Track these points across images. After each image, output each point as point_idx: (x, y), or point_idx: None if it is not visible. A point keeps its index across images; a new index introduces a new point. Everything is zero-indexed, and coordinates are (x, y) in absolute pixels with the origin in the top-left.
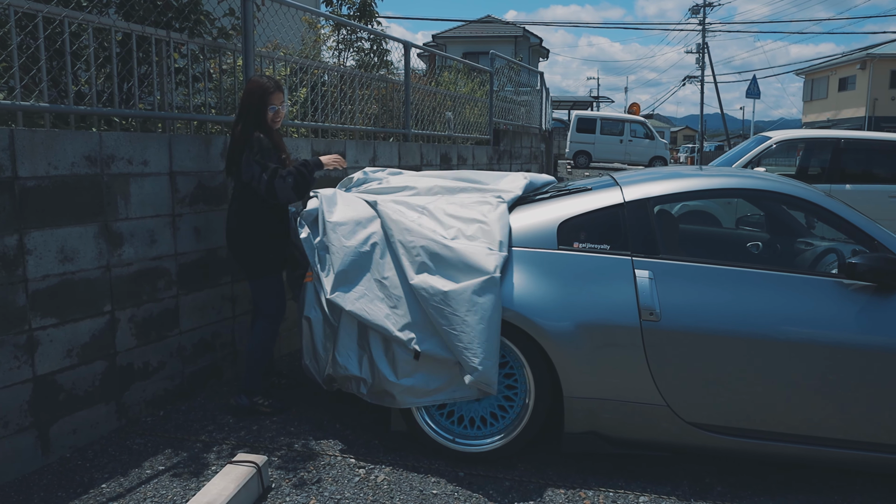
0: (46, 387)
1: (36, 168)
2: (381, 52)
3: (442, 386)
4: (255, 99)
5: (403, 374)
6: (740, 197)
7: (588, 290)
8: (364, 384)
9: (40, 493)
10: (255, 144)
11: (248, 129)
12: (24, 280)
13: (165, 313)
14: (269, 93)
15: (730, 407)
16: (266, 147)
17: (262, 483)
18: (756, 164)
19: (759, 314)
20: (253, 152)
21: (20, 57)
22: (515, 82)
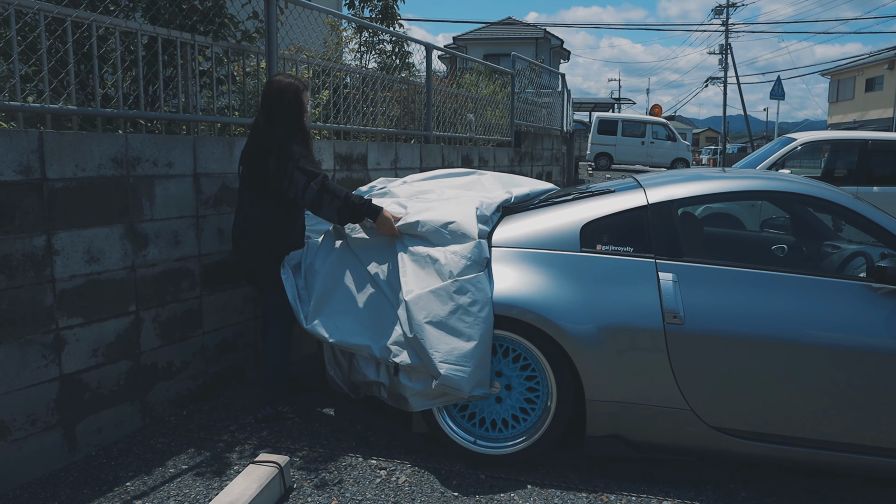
0: (73, 385)
1: (64, 170)
2: (403, 54)
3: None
4: (290, 97)
5: (414, 378)
6: (766, 199)
7: (611, 292)
8: (384, 388)
9: (66, 490)
10: (298, 152)
11: (289, 133)
12: (51, 280)
13: (189, 314)
14: (302, 91)
15: (754, 411)
16: (311, 156)
17: (284, 483)
18: (781, 165)
19: (785, 318)
20: (295, 160)
21: (49, 61)
22: (537, 84)
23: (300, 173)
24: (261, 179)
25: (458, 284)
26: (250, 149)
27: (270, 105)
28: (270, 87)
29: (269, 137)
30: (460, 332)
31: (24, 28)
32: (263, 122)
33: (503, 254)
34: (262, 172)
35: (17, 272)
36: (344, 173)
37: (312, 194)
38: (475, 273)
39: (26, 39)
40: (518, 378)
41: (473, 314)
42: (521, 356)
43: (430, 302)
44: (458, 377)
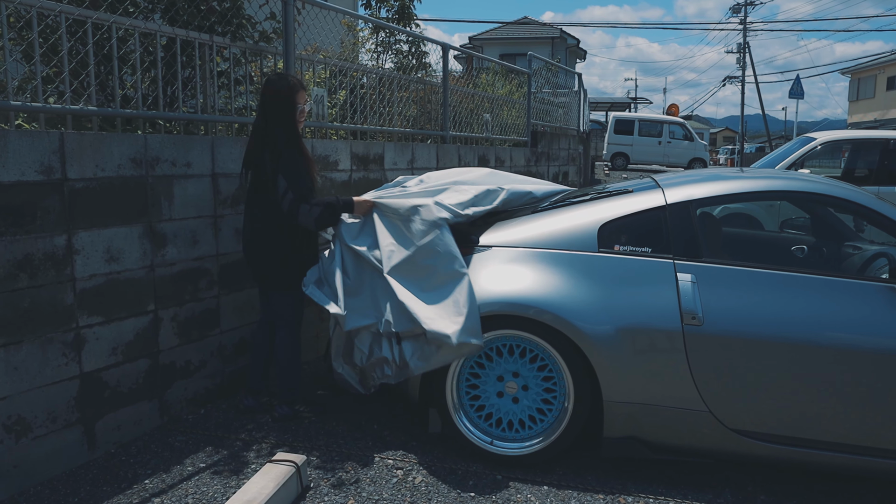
0: (92, 384)
1: (84, 170)
2: (420, 54)
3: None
4: (282, 98)
5: (412, 343)
6: (786, 199)
7: (629, 293)
8: (388, 365)
9: (86, 487)
10: (286, 157)
11: (277, 133)
12: (72, 279)
13: (207, 313)
14: (296, 91)
15: (774, 414)
16: (299, 162)
17: (300, 482)
18: (800, 165)
19: (805, 319)
20: (284, 165)
21: (70, 62)
22: (553, 84)
23: (282, 178)
24: (260, 178)
25: (422, 249)
26: (251, 148)
27: (265, 104)
28: (265, 87)
29: (267, 137)
30: (435, 288)
31: (45, 30)
32: (261, 122)
33: (519, 254)
34: (261, 171)
35: (39, 271)
36: (361, 173)
37: (289, 203)
38: (433, 235)
39: (48, 41)
40: (535, 379)
41: (442, 271)
42: (538, 357)
43: (403, 270)
44: (442, 330)
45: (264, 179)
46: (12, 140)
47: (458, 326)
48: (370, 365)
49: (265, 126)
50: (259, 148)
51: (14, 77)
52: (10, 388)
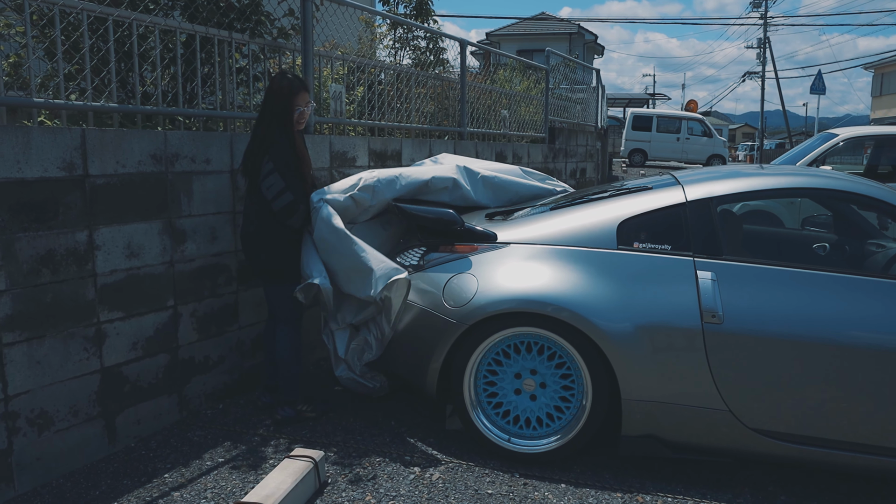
0: (113, 378)
1: (105, 166)
2: (437, 50)
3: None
4: (280, 99)
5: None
6: (808, 197)
7: (648, 290)
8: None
9: (107, 481)
10: (279, 158)
11: (272, 133)
12: (93, 274)
13: (225, 308)
14: (295, 93)
15: (794, 414)
16: (290, 162)
17: (318, 478)
18: (822, 162)
19: (827, 318)
20: (278, 164)
21: (91, 59)
22: (571, 80)
23: (279, 178)
24: (255, 175)
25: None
26: (249, 146)
27: (265, 103)
28: (269, 86)
29: (265, 136)
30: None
31: (67, 27)
32: (261, 119)
33: (537, 251)
34: (256, 169)
35: (61, 266)
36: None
37: (283, 203)
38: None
39: (70, 39)
40: (553, 376)
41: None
42: (556, 354)
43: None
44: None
45: (256, 174)
46: (35, 137)
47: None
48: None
49: (262, 123)
50: (256, 146)
51: (36, 74)
52: (33, 381)
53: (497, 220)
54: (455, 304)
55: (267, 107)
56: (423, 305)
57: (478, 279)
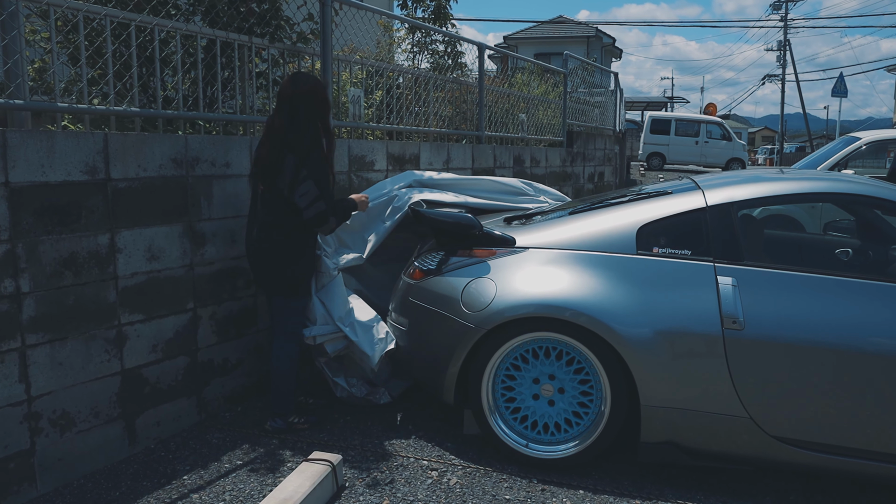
0: (133, 380)
1: (127, 170)
2: (455, 54)
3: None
4: (320, 99)
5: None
6: (831, 201)
7: (668, 296)
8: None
9: (127, 482)
10: (316, 165)
11: (308, 138)
12: (114, 277)
13: (244, 311)
14: (325, 91)
15: (817, 422)
16: (325, 170)
17: (336, 482)
18: (844, 166)
19: (850, 325)
20: (312, 172)
21: (114, 64)
22: (589, 83)
23: (314, 185)
24: (275, 182)
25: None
26: (269, 151)
27: (302, 104)
28: (294, 86)
29: (293, 140)
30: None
31: (90, 33)
32: (284, 123)
33: (556, 255)
34: (276, 175)
35: (83, 269)
36: (397, 173)
37: (316, 211)
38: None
39: (93, 44)
40: (571, 382)
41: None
42: (574, 359)
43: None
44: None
45: (281, 184)
46: (59, 141)
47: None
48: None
49: (290, 128)
50: (278, 151)
51: (60, 79)
52: (55, 383)
53: (515, 225)
54: (473, 309)
55: (304, 110)
56: (441, 310)
57: (496, 284)
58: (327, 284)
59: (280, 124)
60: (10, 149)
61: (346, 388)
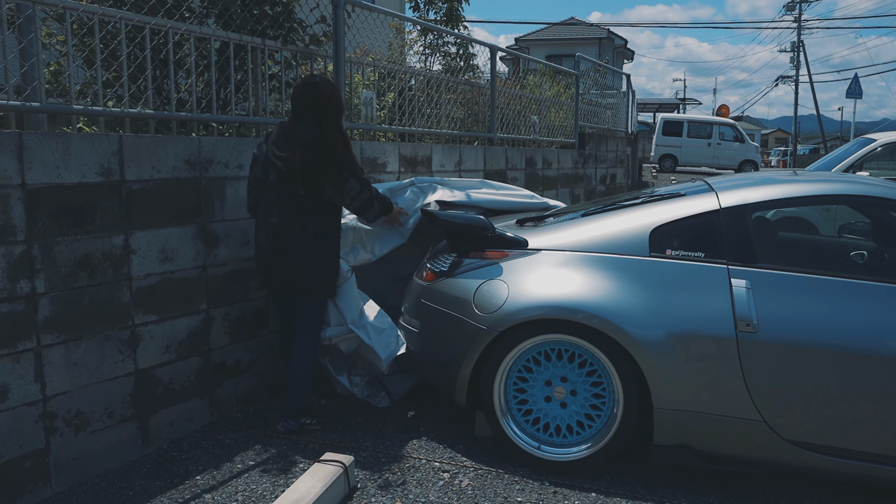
0: (146, 380)
1: (141, 172)
2: (467, 56)
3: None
4: (340, 101)
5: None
6: (846, 203)
7: (681, 298)
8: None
9: (140, 481)
10: (351, 159)
11: (343, 139)
12: (128, 278)
13: (257, 313)
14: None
15: (832, 425)
16: (357, 163)
17: (348, 483)
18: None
19: (866, 328)
20: (352, 167)
21: (128, 67)
22: (601, 85)
23: (355, 182)
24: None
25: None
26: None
27: (324, 107)
28: (318, 91)
29: (324, 143)
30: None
31: (105, 36)
32: (311, 127)
33: (568, 258)
34: (318, 179)
35: (98, 270)
36: (408, 175)
37: (363, 200)
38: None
39: (108, 47)
40: (584, 384)
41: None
42: (587, 362)
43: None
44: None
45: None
46: (74, 143)
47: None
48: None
49: (320, 132)
50: (310, 154)
51: (75, 82)
52: (70, 383)
53: (528, 227)
54: (485, 311)
55: (328, 113)
56: (454, 312)
57: (508, 286)
58: (340, 286)
59: (306, 129)
60: (27, 151)
61: (347, 388)
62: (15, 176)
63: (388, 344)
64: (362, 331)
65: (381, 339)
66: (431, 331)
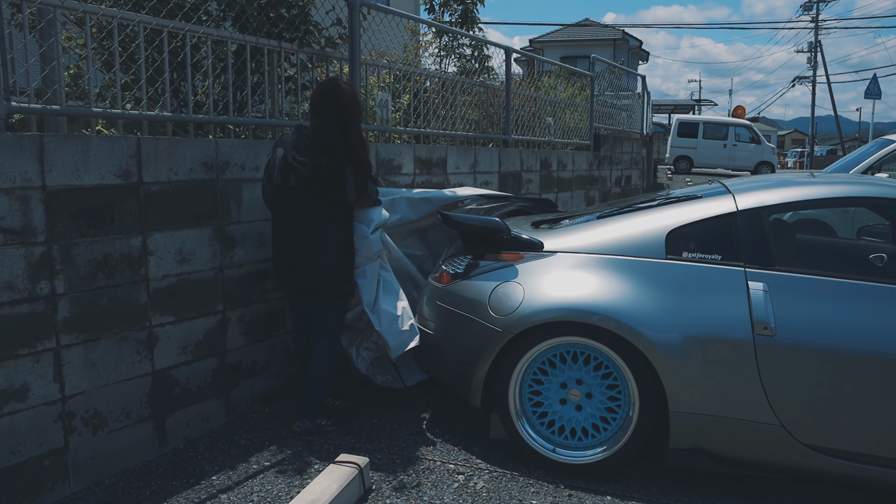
0: (163, 381)
1: (159, 173)
2: (482, 57)
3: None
4: (359, 105)
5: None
6: (865, 206)
7: (698, 301)
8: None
9: (157, 481)
10: (369, 162)
11: (363, 141)
12: (146, 279)
13: (272, 314)
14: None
15: (850, 430)
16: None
17: (363, 484)
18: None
19: (885, 332)
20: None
21: (146, 70)
22: (616, 86)
23: (373, 184)
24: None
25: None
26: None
27: (345, 111)
28: (341, 94)
29: (349, 147)
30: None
31: (124, 39)
32: (333, 130)
33: (584, 260)
34: (340, 182)
35: (116, 271)
36: (424, 177)
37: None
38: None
39: (126, 50)
40: (599, 387)
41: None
42: (602, 364)
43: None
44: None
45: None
46: (94, 145)
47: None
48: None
49: (342, 135)
50: (333, 159)
51: (94, 85)
52: (88, 383)
53: (543, 229)
54: (501, 313)
55: (349, 118)
56: (469, 314)
57: (524, 288)
58: (361, 266)
59: (329, 134)
60: (47, 153)
61: (353, 359)
62: (36, 178)
63: (398, 333)
64: (375, 315)
65: (392, 327)
66: (447, 332)
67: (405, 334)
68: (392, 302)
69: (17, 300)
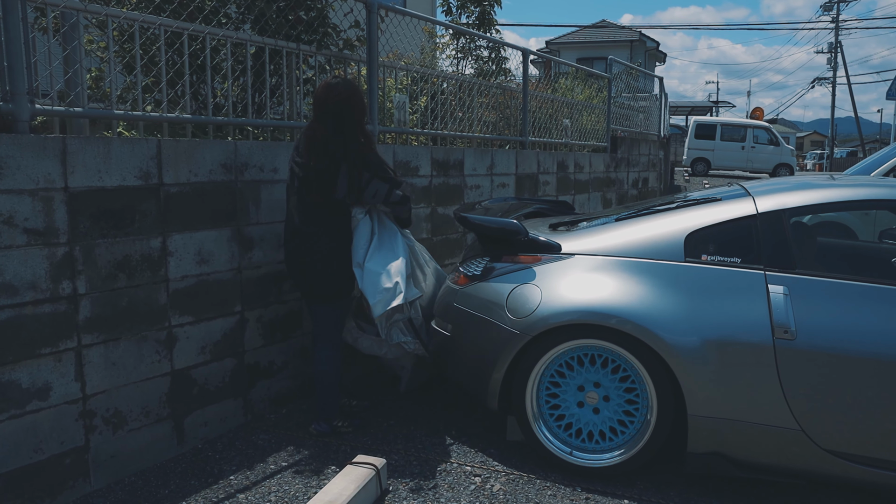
0: (182, 381)
1: (178, 175)
2: (499, 59)
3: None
4: (360, 104)
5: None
6: (887, 209)
7: (717, 304)
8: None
9: (176, 480)
10: (376, 164)
11: (366, 140)
12: (165, 280)
13: (290, 315)
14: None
15: (872, 436)
16: (384, 165)
17: (380, 485)
18: None
19: None
20: (378, 168)
21: (167, 72)
22: (633, 88)
23: (382, 182)
24: (335, 193)
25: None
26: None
27: (348, 109)
28: (345, 90)
29: (347, 146)
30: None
31: (145, 43)
32: (331, 131)
33: (601, 262)
34: (333, 182)
35: (136, 272)
36: (441, 179)
37: (396, 199)
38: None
39: (147, 53)
40: (617, 390)
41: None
42: (620, 367)
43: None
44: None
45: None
46: (115, 147)
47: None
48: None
49: (341, 135)
50: (330, 159)
51: (115, 87)
52: (108, 382)
53: (561, 231)
54: (518, 315)
55: (348, 116)
56: (486, 316)
57: (541, 290)
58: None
59: (324, 134)
60: (70, 155)
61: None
62: (58, 179)
63: (378, 290)
64: (359, 270)
65: (373, 282)
66: (464, 335)
67: (386, 291)
68: (381, 261)
69: (40, 300)
